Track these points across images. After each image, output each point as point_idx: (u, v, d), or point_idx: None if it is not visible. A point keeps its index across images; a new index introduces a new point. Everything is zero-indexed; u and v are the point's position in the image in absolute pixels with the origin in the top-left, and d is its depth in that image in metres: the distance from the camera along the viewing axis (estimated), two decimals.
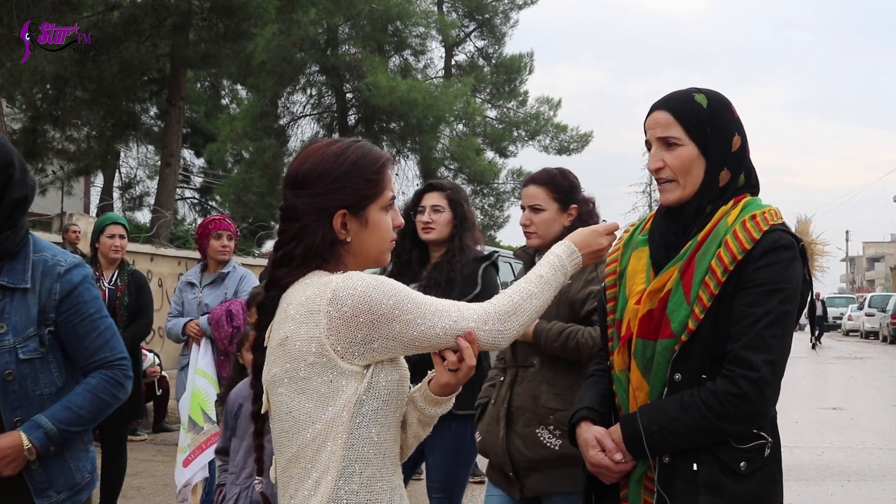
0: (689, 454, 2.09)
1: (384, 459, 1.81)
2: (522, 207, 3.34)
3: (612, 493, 2.25)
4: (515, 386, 3.23)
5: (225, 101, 30.49)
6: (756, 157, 2.27)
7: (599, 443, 2.19)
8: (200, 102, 29.47)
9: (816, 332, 30.45)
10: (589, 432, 2.23)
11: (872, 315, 35.78)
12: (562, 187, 3.28)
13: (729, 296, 2.08)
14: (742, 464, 2.09)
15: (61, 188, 25.15)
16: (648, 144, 2.24)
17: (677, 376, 2.11)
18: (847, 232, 77.88)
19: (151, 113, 25.24)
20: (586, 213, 3.30)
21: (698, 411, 2.06)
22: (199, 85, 28.80)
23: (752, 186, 2.25)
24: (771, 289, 2.07)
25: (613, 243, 2.25)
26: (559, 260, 2.00)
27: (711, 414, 2.05)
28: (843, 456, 8.54)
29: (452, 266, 3.86)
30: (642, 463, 2.16)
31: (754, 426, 2.11)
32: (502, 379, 3.31)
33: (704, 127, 2.17)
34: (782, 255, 2.09)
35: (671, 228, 2.21)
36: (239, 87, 28.64)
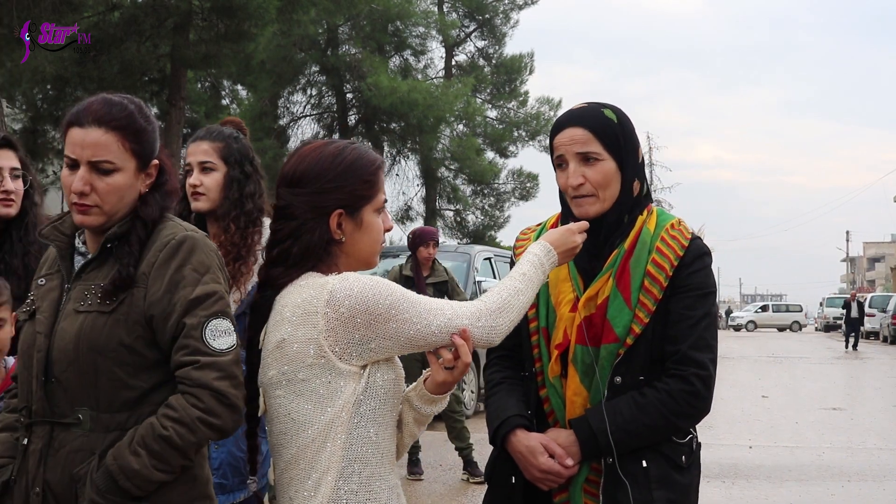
0: (635, 453, 2.15)
1: (382, 459, 1.83)
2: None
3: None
4: (49, 457, 1.97)
5: (225, 101, 30.47)
6: (756, 157, 2.33)
7: (546, 448, 2.17)
8: (200, 102, 29.44)
9: (852, 338, 28.24)
10: (532, 439, 2.19)
11: (873, 315, 35.77)
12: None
13: (665, 299, 2.17)
14: (682, 458, 2.19)
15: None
16: (559, 161, 2.25)
17: (618, 379, 2.17)
18: (847, 232, 78.02)
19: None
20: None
21: (656, 410, 2.13)
22: (199, 85, 28.79)
23: (649, 194, 2.35)
24: (704, 292, 2.20)
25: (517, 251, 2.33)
26: (537, 258, 2.04)
27: (669, 412, 2.13)
28: (843, 456, 8.53)
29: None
30: (586, 466, 2.18)
31: (699, 422, 2.22)
32: (25, 443, 2.01)
33: (619, 141, 2.22)
34: (706, 262, 2.23)
35: (589, 239, 2.23)
36: (239, 87, 28.66)
